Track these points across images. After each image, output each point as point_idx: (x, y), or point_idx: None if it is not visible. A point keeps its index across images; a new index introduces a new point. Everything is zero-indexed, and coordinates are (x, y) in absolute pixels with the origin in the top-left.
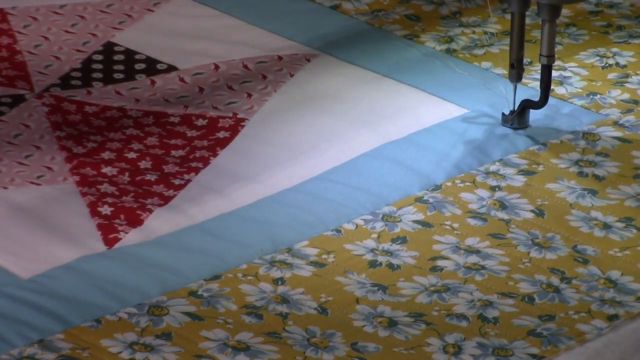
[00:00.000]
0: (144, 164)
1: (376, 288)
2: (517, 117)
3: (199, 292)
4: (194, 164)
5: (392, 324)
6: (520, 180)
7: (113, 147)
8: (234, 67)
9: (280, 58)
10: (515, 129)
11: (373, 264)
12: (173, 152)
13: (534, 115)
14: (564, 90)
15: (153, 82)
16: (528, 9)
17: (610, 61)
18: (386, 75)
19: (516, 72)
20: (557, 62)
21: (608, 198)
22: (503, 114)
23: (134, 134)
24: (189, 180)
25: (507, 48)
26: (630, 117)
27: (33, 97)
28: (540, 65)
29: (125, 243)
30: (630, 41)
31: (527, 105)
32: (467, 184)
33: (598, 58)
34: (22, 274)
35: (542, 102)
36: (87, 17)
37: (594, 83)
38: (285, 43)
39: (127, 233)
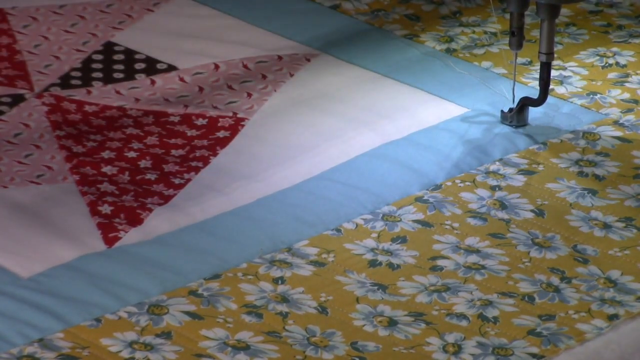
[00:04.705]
0: (143, 163)
1: (376, 287)
2: (516, 115)
3: (199, 291)
4: (193, 163)
5: (392, 323)
6: (520, 180)
7: (113, 146)
8: (234, 67)
9: (280, 58)
10: (514, 126)
11: (373, 263)
12: (173, 152)
13: (533, 114)
14: (564, 89)
15: (153, 82)
16: (527, 9)
17: (610, 61)
18: (386, 75)
19: (517, 40)
20: (557, 62)
21: (608, 198)
22: (502, 111)
23: (134, 133)
24: (189, 180)
25: (507, 47)
26: (630, 117)
27: (33, 96)
28: (539, 64)
29: (125, 242)
30: (630, 41)
31: (526, 102)
32: (467, 183)
33: (598, 57)
34: (22, 273)
35: (541, 100)
36: (87, 17)
37: (594, 82)
38: (285, 43)
39: (127, 232)
